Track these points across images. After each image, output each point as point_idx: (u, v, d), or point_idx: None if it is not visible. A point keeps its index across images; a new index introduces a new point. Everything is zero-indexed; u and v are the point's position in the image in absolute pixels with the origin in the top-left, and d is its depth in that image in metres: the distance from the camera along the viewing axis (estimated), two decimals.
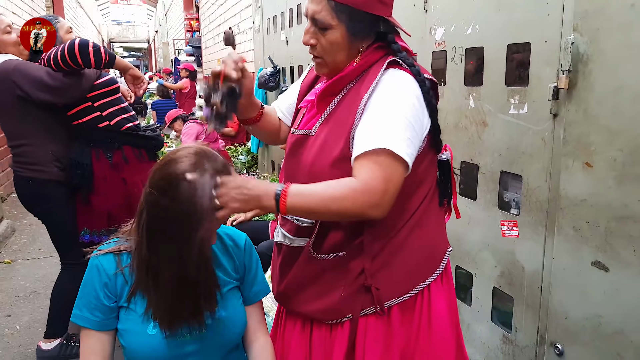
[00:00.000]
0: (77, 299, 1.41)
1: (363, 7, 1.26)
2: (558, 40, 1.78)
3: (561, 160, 1.80)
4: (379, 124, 1.24)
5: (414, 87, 1.28)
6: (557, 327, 1.87)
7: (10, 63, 2.47)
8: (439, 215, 1.49)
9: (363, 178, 1.21)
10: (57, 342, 2.76)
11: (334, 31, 1.29)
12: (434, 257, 1.44)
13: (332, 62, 1.36)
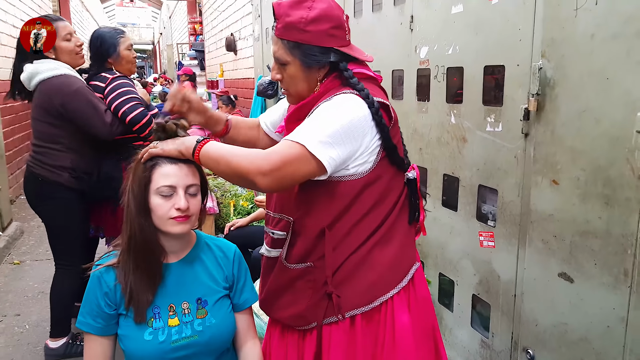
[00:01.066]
0: (81, 307, 1.54)
1: (311, 42, 1.43)
2: (529, 65, 1.90)
3: (531, 177, 1.92)
4: (310, 124, 1.39)
5: (361, 106, 1.40)
6: (528, 333, 1.99)
7: (72, 83, 2.63)
8: (407, 232, 1.59)
9: (271, 149, 1.36)
10: (63, 341, 2.92)
11: (291, 66, 1.47)
12: (397, 272, 1.54)
13: (295, 92, 1.53)
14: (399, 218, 1.55)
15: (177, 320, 1.52)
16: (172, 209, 1.46)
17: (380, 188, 1.48)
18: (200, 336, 1.52)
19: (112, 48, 2.90)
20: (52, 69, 2.64)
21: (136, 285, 1.49)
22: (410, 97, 2.74)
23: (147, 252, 1.50)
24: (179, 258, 1.58)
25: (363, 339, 1.50)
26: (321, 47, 1.44)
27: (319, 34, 1.42)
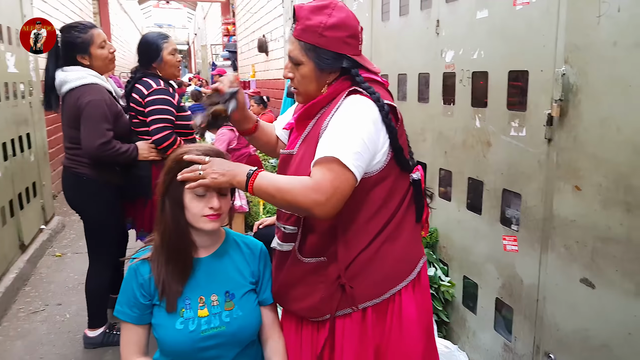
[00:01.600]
0: (119, 297, 1.66)
1: (326, 46, 1.50)
2: (552, 70, 1.91)
3: (554, 182, 1.93)
4: (334, 137, 1.44)
5: (372, 109, 1.48)
6: (550, 338, 2.00)
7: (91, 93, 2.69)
8: (414, 229, 1.66)
9: (315, 179, 1.41)
10: (100, 330, 3.07)
11: (304, 66, 1.54)
12: (406, 266, 1.62)
13: (304, 92, 1.61)
14: (406, 215, 1.61)
15: (206, 311, 1.61)
16: (205, 208, 1.56)
17: (387, 187, 1.55)
18: (228, 327, 1.61)
19: (156, 53, 3.01)
20: (79, 78, 2.72)
21: (168, 277, 1.59)
22: (436, 101, 2.76)
23: (179, 247, 1.60)
24: (208, 253, 1.68)
25: (373, 329, 1.57)
26: (335, 52, 1.51)
27: (335, 40, 1.50)
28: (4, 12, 4.13)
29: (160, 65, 3.04)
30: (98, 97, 2.70)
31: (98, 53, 2.82)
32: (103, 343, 3.06)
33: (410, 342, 1.58)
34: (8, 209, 3.98)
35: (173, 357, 1.62)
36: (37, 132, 4.88)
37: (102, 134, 2.66)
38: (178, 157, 1.57)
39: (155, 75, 3.03)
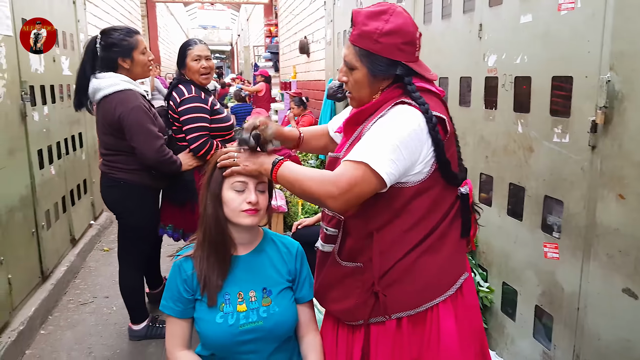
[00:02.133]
0: (164, 292, 1.75)
1: (381, 53, 1.50)
2: (597, 77, 1.89)
3: (597, 190, 1.91)
4: (370, 141, 1.45)
5: (418, 119, 1.46)
6: (590, 347, 1.98)
7: (130, 100, 2.73)
8: (458, 244, 1.63)
9: (339, 172, 1.44)
10: (144, 324, 3.19)
11: (358, 71, 1.55)
12: (445, 280, 1.59)
13: (357, 96, 1.62)
14: (450, 229, 1.59)
15: (244, 307, 1.69)
16: (243, 203, 1.64)
17: (430, 198, 1.53)
18: (265, 322, 1.68)
19: (182, 60, 3.14)
20: (112, 85, 2.75)
21: (209, 272, 1.68)
22: (477, 105, 2.76)
23: (219, 243, 1.69)
24: (247, 251, 1.76)
25: (409, 341, 1.56)
26: (389, 59, 1.50)
27: (390, 47, 1.49)
28: (58, 17, 4.31)
29: (185, 71, 3.14)
30: (136, 104, 2.74)
31: (140, 59, 2.88)
32: (147, 335, 3.19)
33: (449, 357, 1.54)
34: (61, 204, 4.16)
35: (214, 350, 1.71)
36: (88, 132, 5.08)
37: (157, 136, 2.75)
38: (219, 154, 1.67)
39: (188, 82, 3.12)
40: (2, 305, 2.96)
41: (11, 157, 3.18)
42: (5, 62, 3.12)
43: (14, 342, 2.92)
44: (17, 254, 3.20)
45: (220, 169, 1.65)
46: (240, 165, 1.58)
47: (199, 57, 3.12)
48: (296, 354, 1.82)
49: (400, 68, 1.52)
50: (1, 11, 3.08)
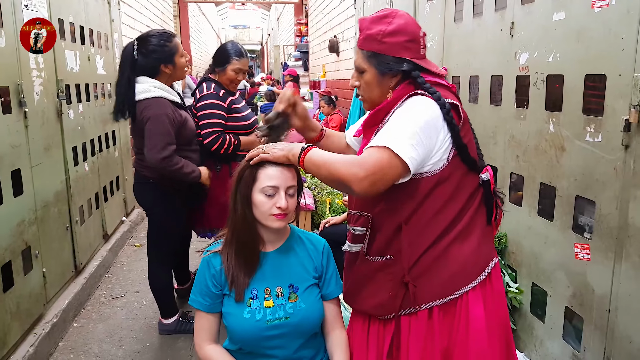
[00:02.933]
0: (193, 287, 1.79)
1: (386, 52, 1.57)
2: (631, 75, 1.85)
3: (630, 190, 1.88)
4: (390, 129, 1.50)
5: (433, 108, 1.51)
6: (621, 350, 1.94)
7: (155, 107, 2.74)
8: (485, 230, 1.66)
9: (364, 155, 1.47)
10: (174, 319, 3.26)
11: (367, 73, 1.62)
12: (475, 267, 1.61)
13: (369, 98, 1.68)
14: (476, 216, 1.62)
15: (272, 302, 1.71)
16: (273, 207, 1.65)
17: (452, 185, 1.57)
18: (292, 318, 1.70)
19: (222, 64, 3.16)
20: (145, 91, 2.78)
21: (237, 269, 1.71)
22: (508, 103, 2.72)
23: (248, 241, 1.72)
24: (274, 248, 1.78)
25: (440, 330, 1.58)
26: (395, 57, 1.57)
27: (394, 45, 1.56)
28: (93, 17, 4.42)
29: (221, 75, 3.18)
30: (160, 112, 2.75)
31: (180, 62, 2.91)
32: (177, 330, 3.25)
33: (477, 346, 1.56)
34: (94, 200, 4.27)
35: (241, 344, 1.73)
36: (121, 130, 5.19)
37: (164, 148, 2.72)
38: (251, 157, 1.68)
39: (211, 80, 3.18)
40: (37, 298, 3.05)
41: (47, 153, 3.27)
42: (42, 61, 3.22)
43: (47, 333, 3.01)
44: (51, 248, 3.29)
45: (251, 171, 1.67)
46: (269, 153, 1.61)
47: (240, 71, 3.18)
48: (322, 350, 1.84)
49: (407, 64, 1.57)
50: (39, 12, 3.17)
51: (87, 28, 4.23)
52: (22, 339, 2.83)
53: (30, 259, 2.97)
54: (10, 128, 2.77)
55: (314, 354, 1.80)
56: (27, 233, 2.93)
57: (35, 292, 3.03)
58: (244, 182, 1.67)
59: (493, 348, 1.59)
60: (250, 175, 1.66)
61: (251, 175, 1.66)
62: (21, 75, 2.92)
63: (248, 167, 1.67)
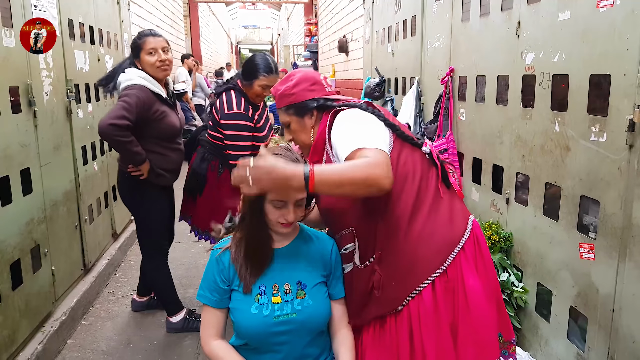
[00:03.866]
0: (201, 282, 1.82)
1: (297, 99, 1.80)
2: (635, 75, 1.85)
3: (634, 190, 1.87)
4: (345, 139, 1.60)
5: (356, 111, 1.71)
6: (625, 349, 1.93)
7: (128, 93, 2.83)
8: (450, 198, 1.73)
9: (368, 156, 1.47)
10: (181, 316, 3.29)
11: (292, 123, 1.85)
12: (456, 229, 1.68)
13: (302, 143, 1.86)
14: (436, 188, 1.71)
15: (279, 299, 1.73)
16: (281, 217, 1.69)
17: (406, 163, 1.67)
18: (299, 315, 1.72)
19: (250, 77, 3.11)
20: (128, 80, 2.89)
21: (246, 264, 1.74)
22: (514, 103, 2.72)
23: (259, 242, 1.75)
24: (284, 244, 1.81)
25: (444, 304, 1.63)
26: (306, 100, 1.79)
27: (302, 92, 1.80)
28: (103, 17, 4.47)
29: (249, 88, 3.13)
30: (133, 93, 2.83)
31: (146, 59, 2.97)
32: (184, 328, 3.28)
33: (477, 314, 1.63)
34: (103, 199, 4.31)
35: (248, 339, 1.75)
36: None
37: (118, 117, 2.73)
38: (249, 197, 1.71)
39: (242, 92, 3.12)
40: (46, 296, 3.09)
41: (57, 152, 3.32)
42: (52, 61, 3.26)
43: (56, 331, 3.05)
44: (60, 246, 3.33)
45: None
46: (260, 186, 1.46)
47: (267, 87, 3.11)
48: (328, 349, 1.85)
49: (317, 100, 1.80)
50: (49, 12, 3.21)
51: (97, 28, 4.27)
52: (30, 336, 2.87)
53: (39, 258, 3.01)
54: (19, 127, 2.81)
55: (319, 352, 1.82)
56: (36, 232, 2.97)
57: (44, 290, 3.07)
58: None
59: (491, 310, 1.67)
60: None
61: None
62: (30, 75, 2.96)
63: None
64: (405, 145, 1.70)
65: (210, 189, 3.20)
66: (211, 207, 3.18)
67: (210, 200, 3.20)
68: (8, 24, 2.74)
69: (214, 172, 3.18)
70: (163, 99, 3.02)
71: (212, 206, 3.17)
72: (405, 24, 4.66)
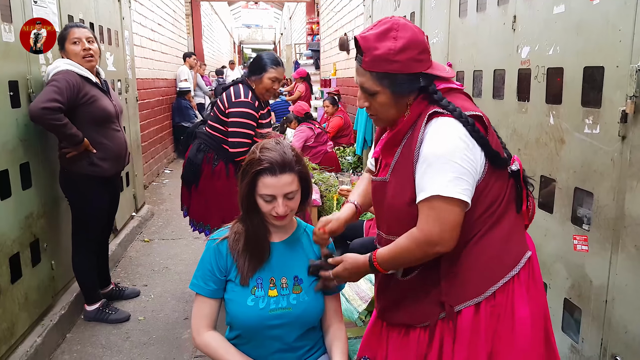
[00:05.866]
0: (196, 271, 1.82)
1: (400, 70, 1.47)
2: (628, 66, 1.86)
3: (627, 181, 1.88)
4: (428, 173, 1.44)
5: (457, 128, 1.45)
6: (617, 340, 1.94)
7: (55, 78, 2.87)
8: (515, 222, 1.58)
9: (421, 227, 1.46)
10: (95, 307, 3.38)
11: (380, 95, 1.52)
12: (506, 261, 1.53)
13: (385, 118, 1.60)
14: (507, 209, 1.56)
15: (276, 292, 1.75)
16: (272, 210, 1.70)
17: (491, 194, 1.52)
18: (294, 309, 1.74)
19: (258, 72, 3.18)
20: (55, 67, 2.94)
21: (244, 255, 1.75)
22: (510, 97, 2.73)
23: (257, 235, 1.76)
24: (282, 239, 1.82)
25: (486, 331, 1.51)
26: (410, 74, 1.48)
27: (408, 62, 1.46)
28: (103, 14, 4.49)
29: (256, 83, 3.19)
30: (61, 76, 2.86)
31: (70, 48, 3.03)
32: (96, 318, 3.37)
33: (522, 346, 1.50)
34: None
35: (241, 331, 1.77)
36: (131, 126, 5.25)
37: (49, 100, 2.76)
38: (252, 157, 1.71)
39: (249, 87, 3.18)
40: (45, 290, 3.12)
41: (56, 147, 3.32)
42: (52, 57, 3.27)
43: (55, 325, 3.08)
44: (60, 241, 3.35)
45: (250, 176, 1.68)
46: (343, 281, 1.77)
47: (276, 79, 3.20)
48: (320, 343, 1.87)
49: (423, 79, 1.50)
50: (49, 8, 3.23)
51: (97, 25, 4.29)
52: (30, 329, 2.90)
53: (38, 251, 3.04)
54: (19, 122, 2.84)
55: (311, 345, 1.84)
56: (35, 226, 2.99)
57: (44, 284, 3.09)
58: (246, 187, 1.70)
59: (536, 345, 1.54)
60: (250, 180, 1.69)
61: (250, 180, 1.69)
62: (30, 70, 2.98)
63: (246, 174, 1.70)
64: (496, 171, 1.52)
65: (205, 179, 3.22)
66: (205, 198, 3.23)
67: (205, 192, 3.23)
68: (7, 20, 2.77)
69: (209, 164, 3.20)
70: (93, 82, 3.07)
71: (207, 198, 3.22)
72: None
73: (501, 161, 1.52)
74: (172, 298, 3.76)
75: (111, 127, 3.17)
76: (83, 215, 3.21)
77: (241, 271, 1.74)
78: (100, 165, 3.11)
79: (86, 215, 3.21)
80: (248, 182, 1.69)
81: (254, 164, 1.67)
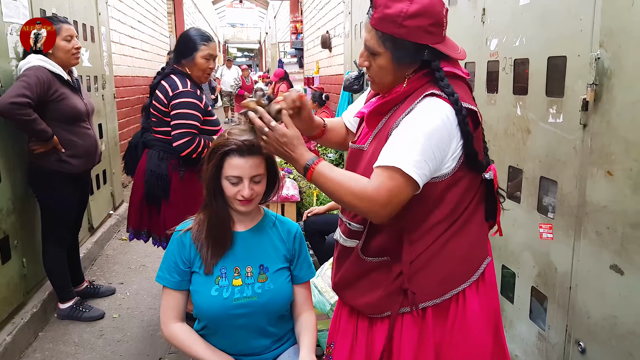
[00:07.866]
0: (161, 264, 1.82)
1: (406, 36, 1.37)
2: (588, 55, 1.88)
3: (588, 168, 1.90)
4: (401, 143, 1.37)
5: (447, 114, 1.37)
6: (581, 325, 1.97)
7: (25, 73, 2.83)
8: (481, 227, 1.56)
9: (376, 184, 1.36)
10: (69, 305, 3.36)
11: (381, 57, 1.44)
12: (469, 266, 1.53)
13: (381, 83, 1.52)
14: (474, 214, 1.53)
15: (240, 281, 1.74)
16: (237, 193, 1.68)
17: (461, 188, 1.47)
18: (259, 298, 1.73)
19: (190, 51, 2.86)
20: (27, 63, 2.89)
21: (207, 245, 1.74)
22: (480, 90, 2.75)
23: (219, 221, 1.75)
24: (247, 228, 1.82)
25: (434, 326, 1.51)
26: (415, 43, 1.38)
27: (416, 30, 1.36)
28: (79, 10, 4.45)
29: (190, 65, 2.88)
30: (31, 72, 2.83)
31: (60, 45, 3.01)
32: (70, 316, 3.35)
33: (477, 342, 1.51)
34: None
35: (207, 321, 1.77)
36: (109, 124, 5.21)
37: (18, 95, 2.72)
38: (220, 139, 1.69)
39: (184, 74, 2.87)
40: (16, 288, 3.08)
41: None
42: (22, 51, 3.23)
43: (26, 323, 3.04)
44: (33, 238, 3.31)
45: (217, 157, 1.66)
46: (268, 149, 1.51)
47: (211, 57, 2.91)
48: (290, 333, 1.87)
49: (428, 53, 1.40)
50: (18, 1, 3.19)
51: (72, 19, 4.23)
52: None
53: (8, 249, 3.00)
54: None
55: (280, 335, 1.84)
56: (5, 222, 2.95)
57: (14, 282, 3.05)
58: (212, 169, 1.69)
59: (489, 344, 1.54)
60: (217, 161, 1.68)
61: (217, 161, 1.68)
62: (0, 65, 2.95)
63: (213, 154, 1.69)
64: (471, 170, 1.48)
65: (175, 192, 2.92)
66: (177, 212, 2.79)
67: (176, 206, 2.91)
68: None
69: (175, 172, 2.91)
70: (64, 80, 3.04)
71: (179, 211, 2.74)
72: None
73: (478, 162, 1.48)
74: (148, 295, 3.74)
75: (81, 125, 3.14)
76: (51, 212, 3.18)
77: (205, 259, 1.73)
78: (69, 161, 3.08)
79: (54, 212, 3.18)
80: (215, 164, 1.68)
81: (222, 145, 1.67)
